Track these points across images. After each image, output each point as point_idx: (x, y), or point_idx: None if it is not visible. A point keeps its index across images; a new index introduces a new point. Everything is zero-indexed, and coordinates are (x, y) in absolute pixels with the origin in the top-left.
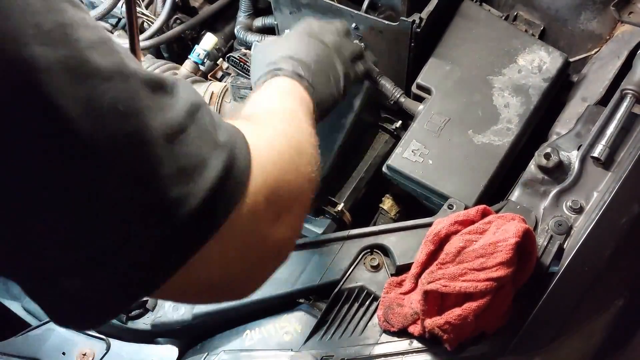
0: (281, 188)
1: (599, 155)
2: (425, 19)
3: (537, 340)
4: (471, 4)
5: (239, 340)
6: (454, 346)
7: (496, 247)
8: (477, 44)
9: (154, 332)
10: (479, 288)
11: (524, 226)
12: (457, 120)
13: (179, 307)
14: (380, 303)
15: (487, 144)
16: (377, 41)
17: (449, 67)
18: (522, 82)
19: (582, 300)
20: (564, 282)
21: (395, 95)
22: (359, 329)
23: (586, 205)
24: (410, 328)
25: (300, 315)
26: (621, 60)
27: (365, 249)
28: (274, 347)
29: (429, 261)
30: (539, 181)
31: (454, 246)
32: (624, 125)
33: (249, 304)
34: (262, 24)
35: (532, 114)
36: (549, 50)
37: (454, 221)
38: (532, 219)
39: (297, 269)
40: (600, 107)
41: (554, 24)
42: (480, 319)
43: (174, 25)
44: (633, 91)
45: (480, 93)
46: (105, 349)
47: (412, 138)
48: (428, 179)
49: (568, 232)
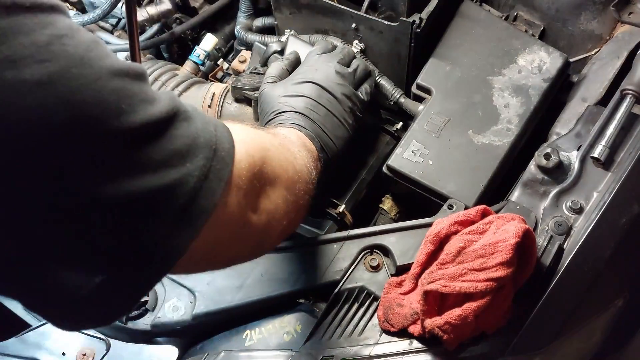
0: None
1: (599, 155)
2: (425, 19)
3: (537, 340)
4: (471, 4)
5: (239, 341)
6: (454, 346)
7: (496, 247)
8: (477, 44)
9: (154, 333)
10: (479, 288)
11: (524, 226)
12: (457, 120)
13: (179, 308)
14: (380, 303)
15: (487, 144)
16: (377, 41)
17: (449, 68)
18: (522, 83)
19: (582, 301)
20: (563, 282)
21: (395, 96)
22: (359, 329)
23: (586, 205)
24: (410, 328)
25: (300, 315)
26: (621, 61)
27: (365, 249)
28: (274, 348)
29: (429, 261)
30: (538, 181)
31: (454, 246)
32: (623, 126)
33: (249, 304)
34: (262, 24)
35: (532, 114)
36: (549, 50)
37: (454, 221)
38: (532, 219)
39: (297, 269)
40: (600, 108)
41: (554, 24)
42: (480, 319)
43: (174, 25)
44: (633, 91)
45: (480, 93)
46: (105, 349)
47: (412, 138)
48: (428, 179)
49: (568, 232)
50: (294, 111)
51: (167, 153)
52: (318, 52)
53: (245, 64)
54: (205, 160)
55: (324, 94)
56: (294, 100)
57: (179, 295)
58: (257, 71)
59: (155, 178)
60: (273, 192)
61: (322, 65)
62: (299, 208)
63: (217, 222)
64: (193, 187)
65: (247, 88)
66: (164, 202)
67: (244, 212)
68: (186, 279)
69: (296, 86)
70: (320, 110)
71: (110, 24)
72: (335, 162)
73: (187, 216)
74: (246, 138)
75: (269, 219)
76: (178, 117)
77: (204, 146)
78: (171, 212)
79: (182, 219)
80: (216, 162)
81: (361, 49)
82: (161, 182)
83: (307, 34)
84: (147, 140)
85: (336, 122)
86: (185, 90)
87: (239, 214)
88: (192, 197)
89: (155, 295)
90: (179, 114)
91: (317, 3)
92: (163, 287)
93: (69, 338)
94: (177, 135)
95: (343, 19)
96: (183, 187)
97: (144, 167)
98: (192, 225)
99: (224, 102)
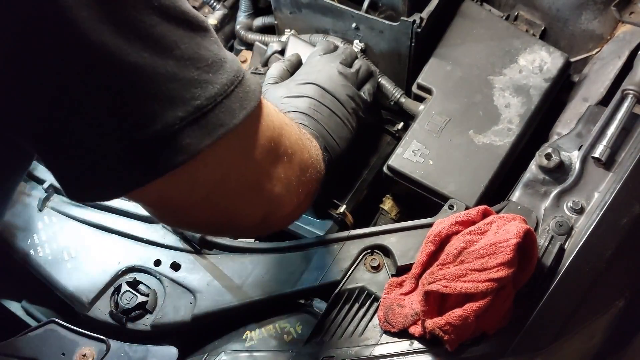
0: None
1: (600, 155)
2: (426, 19)
3: (538, 340)
4: (472, 4)
5: (239, 341)
6: (454, 347)
7: (497, 247)
8: (477, 44)
9: (154, 333)
10: (479, 289)
11: (524, 227)
12: (457, 120)
13: (179, 308)
14: (381, 304)
15: (488, 144)
16: (377, 41)
17: (449, 67)
18: (523, 82)
19: (583, 301)
20: (564, 282)
21: (395, 96)
22: (360, 330)
23: (587, 205)
24: (411, 329)
25: (301, 316)
26: (622, 61)
27: (365, 250)
28: (274, 348)
29: (430, 262)
30: (539, 181)
31: (455, 247)
32: (625, 126)
33: (249, 305)
34: (262, 24)
35: (533, 114)
36: (550, 50)
37: (454, 222)
38: (533, 220)
39: (297, 269)
40: (601, 108)
41: (555, 24)
42: (481, 319)
43: None
44: (634, 91)
45: (481, 93)
46: (105, 349)
47: (413, 138)
48: (429, 179)
49: (569, 232)
50: (297, 111)
51: (193, 51)
52: (320, 53)
53: (246, 63)
54: (228, 82)
55: (327, 94)
56: (297, 101)
57: (179, 296)
58: (257, 71)
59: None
60: (289, 167)
61: (324, 65)
62: (308, 194)
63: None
64: (213, 96)
65: None
66: (181, 93)
67: (260, 171)
68: (186, 279)
69: (299, 87)
70: (323, 111)
71: None
72: (338, 163)
73: (203, 122)
74: (268, 107)
75: (281, 191)
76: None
77: (230, 72)
78: (186, 107)
79: (197, 122)
80: (240, 91)
81: (361, 48)
82: (181, 72)
83: (307, 33)
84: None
85: (339, 123)
86: None
87: (255, 166)
88: (210, 104)
89: (155, 296)
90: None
91: (317, 2)
92: (163, 288)
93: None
94: (205, 46)
95: (343, 18)
96: (203, 89)
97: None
98: (206, 134)
99: None
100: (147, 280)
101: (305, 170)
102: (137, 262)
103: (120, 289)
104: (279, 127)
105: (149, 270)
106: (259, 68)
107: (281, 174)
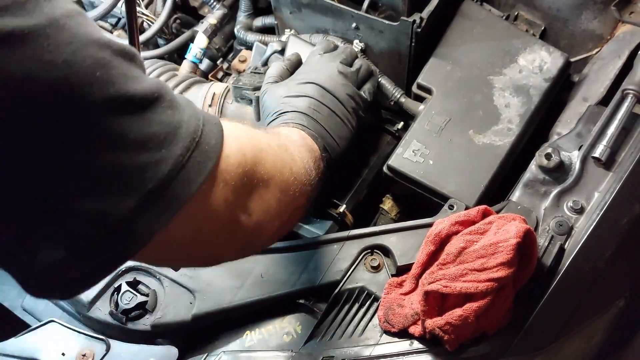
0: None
1: (600, 155)
2: (426, 19)
3: (538, 340)
4: (472, 4)
5: (239, 341)
6: (454, 347)
7: (497, 247)
8: (477, 43)
9: (154, 333)
10: (479, 289)
11: (524, 227)
12: (457, 120)
13: (179, 308)
14: (381, 304)
15: (488, 144)
16: (377, 41)
17: (449, 67)
18: (523, 82)
19: (583, 301)
20: (564, 282)
21: (395, 96)
22: (359, 330)
23: (587, 205)
24: (411, 329)
25: (301, 316)
26: (622, 60)
27: (365, 250)
28: (274, 348)
29: (430, 261)
30: (539, 181)
31: (455, 246)
32: (624, 126)
33: (249, 305)
34: (262, 24)
35: (533, 114)
36: (550, 50)
37: (454, 221)
38: (533, 220)
39: (297, 269)
40: (601, 107)
41: (555, 23)
42: (481, 319)
43: (173, 25)
44: (634, 91)
45: (481, 93)
46: (105, 349)
47: (413, 138)
48: (429, 179)
49: (569, 232)
50: (297, 111)
51: (142, 134)
52: (320, 52)
53: (246, 63)
54: (183, 150)
55: (327, 94)
56: (297, 100)
57: (179, 296)
58: (257, 71)
59: (124, 156)
60: (266, 192)
61: (324, 65)
62: (294, 210)
63: (198, 213)
64: (166, 174)
65: (247, 88)
66: (131, 182)
67: (232, 210)
68: (186, 279)
69: (299, 86)
70: (323, 111)
71: (110, 24)
72: (338, 163)
73: (158, 202)
74: (241, 136)
75: (259, 220)
76: (161, 102)
77: (186, 137)
78: (137, 195)
79: (152, 204)
80: (197, 155)
81: (361, 48)
82: (129, 161)
83: (307, 33)
84: (120, 114)
85: (339, 122)
86: (186, 89)
87: (226, 210)
88: (164, 183)
89: (155, 296)
90: (163, 100)
91: (317, 2)
92: (163, 288)
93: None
94: (157, 120)
95: (343, 18)
96: (154, 172)
97: (113, 142)
98: (162, 212)
99: (224, 102)
100: (147, 280)
101: (286, 190)
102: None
103: (120, 289)
104: (252, 158)
105: (149, 270)
106: (259, 68)
107: (258, 202)
